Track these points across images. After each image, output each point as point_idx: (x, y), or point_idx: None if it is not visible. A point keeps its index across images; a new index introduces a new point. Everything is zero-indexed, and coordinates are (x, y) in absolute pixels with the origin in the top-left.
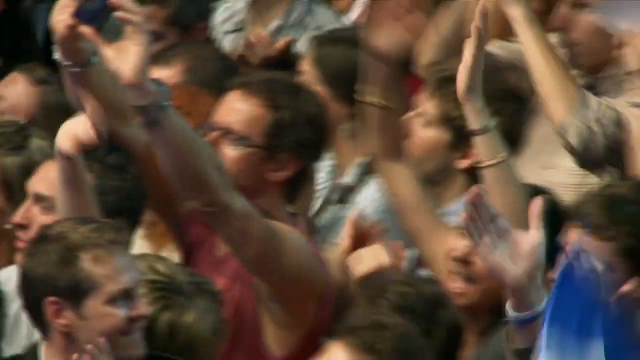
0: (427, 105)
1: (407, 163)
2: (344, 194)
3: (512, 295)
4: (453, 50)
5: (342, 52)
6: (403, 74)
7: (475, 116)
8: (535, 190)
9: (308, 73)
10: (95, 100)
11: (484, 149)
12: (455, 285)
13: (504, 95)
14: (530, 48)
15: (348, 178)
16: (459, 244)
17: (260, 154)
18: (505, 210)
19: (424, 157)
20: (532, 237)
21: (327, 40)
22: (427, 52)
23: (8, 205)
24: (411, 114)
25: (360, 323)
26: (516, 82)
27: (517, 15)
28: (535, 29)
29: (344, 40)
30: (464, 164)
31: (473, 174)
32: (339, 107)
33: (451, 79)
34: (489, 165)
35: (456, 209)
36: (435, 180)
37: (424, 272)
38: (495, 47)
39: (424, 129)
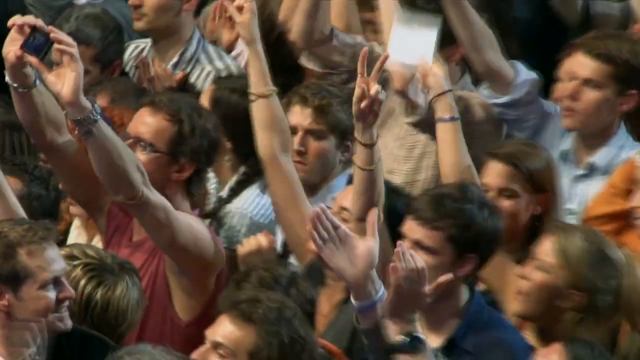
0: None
1: (289, 160)
2: (221, 204)
3: (352, 289)
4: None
5: (236, 99)
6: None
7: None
8: (391, 189)
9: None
10: (37, 115)
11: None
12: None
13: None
14: None
15: (224, 193)
16: None
17: (164, 158)
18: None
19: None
20: (368, 242)
21: (225, 86)
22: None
23: None
24: None
25: (240, 298)
26: None
27: None
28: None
29: (239, 90)
30: None
31: None
32: (225, 142)
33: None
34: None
35: (338, 184)
36: None
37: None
38: None
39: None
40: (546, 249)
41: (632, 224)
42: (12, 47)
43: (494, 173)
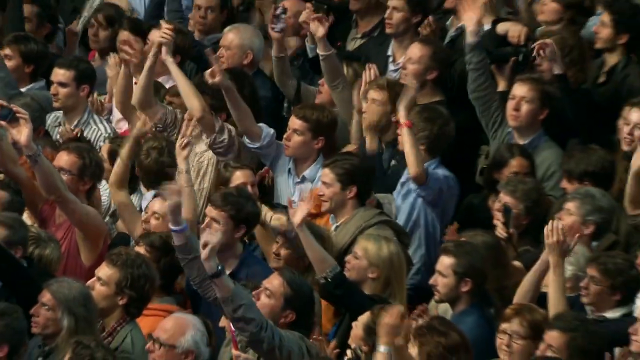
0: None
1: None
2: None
3: (170, 217)
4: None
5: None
6: None
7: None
8: None
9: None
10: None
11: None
12: None
13: None
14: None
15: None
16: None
17: (77, 179)
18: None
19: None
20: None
21: (117, 143)
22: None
23: None
24: None
25: (111, 252)
26: None
27: None
28: None
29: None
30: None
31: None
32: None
33: None
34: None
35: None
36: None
37: None
38: None
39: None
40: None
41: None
42: None
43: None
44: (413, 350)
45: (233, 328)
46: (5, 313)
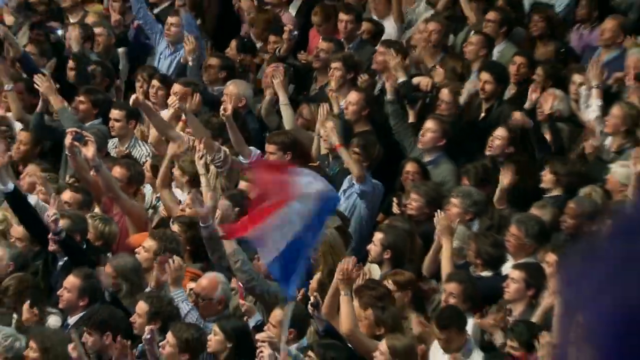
0: None
1: None
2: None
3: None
4: None
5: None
6: None
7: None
8: None
9: None
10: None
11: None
12: None
13: None
14: None
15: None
16: None
17: (125, 185)
18: None
19: None
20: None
21: (155, 160)
22: None
23: None
24: None
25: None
26: None
27: None
28: None
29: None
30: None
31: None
32: None
33: None
34: None
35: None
36: None
37: None
38: None
39: None
40: None
41: None
42: None
43: None
44: (355, 302)
45: (240, 283)
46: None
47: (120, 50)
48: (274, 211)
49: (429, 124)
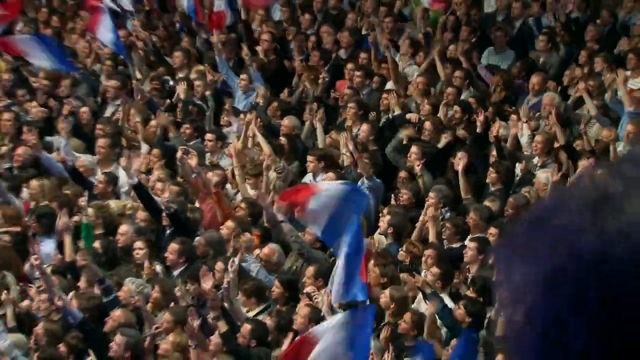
0: None
1: None
2: None
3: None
4: None
5: None
6: None
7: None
8: None
9: None
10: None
11: None
12: None
13: None
14: None
15: None
16: None
17: (219, 187)
18: None
19: None
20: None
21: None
22: None
23: None
24: None
25: None
26: None
27: None
28: None
29: None
30: None
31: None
32: None
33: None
34: None
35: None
36: None
37: None
38: None
39: None
40: None
41: None
42: None
43: None
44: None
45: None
46: None
47: (208, 93)
48: (309, 196)
49: (414, 148)
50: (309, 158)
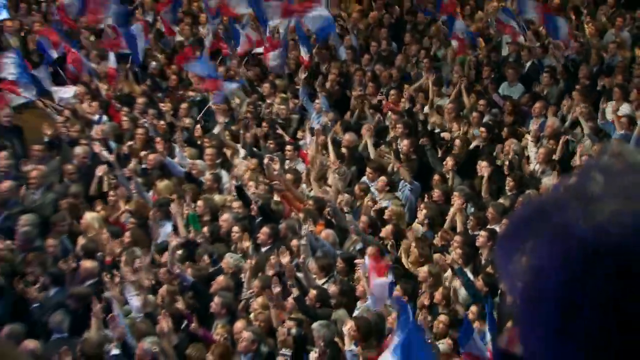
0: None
1: None
2: None
3: None
4: None
5: None
6: None
7: None
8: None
9: None
10: None
11: None
12: None
13: None
14: None
15: None
16: None
17: (291, 191)
18: None
19: None
20: None
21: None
22: None
23: None
24: None
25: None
26: None
27: None
28: None
29: None
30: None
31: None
32: None
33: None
34: None
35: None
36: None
37: None
38: None
39: None
40: None
41: None
42: None
43: None
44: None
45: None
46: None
47: (295, 117)
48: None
49: (449, 159)
50: (368, 170)
